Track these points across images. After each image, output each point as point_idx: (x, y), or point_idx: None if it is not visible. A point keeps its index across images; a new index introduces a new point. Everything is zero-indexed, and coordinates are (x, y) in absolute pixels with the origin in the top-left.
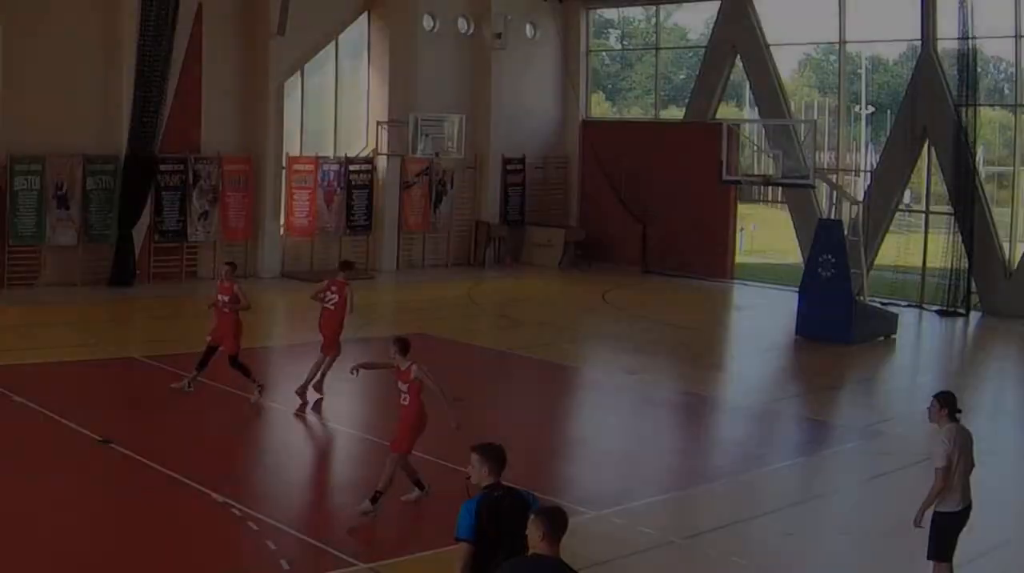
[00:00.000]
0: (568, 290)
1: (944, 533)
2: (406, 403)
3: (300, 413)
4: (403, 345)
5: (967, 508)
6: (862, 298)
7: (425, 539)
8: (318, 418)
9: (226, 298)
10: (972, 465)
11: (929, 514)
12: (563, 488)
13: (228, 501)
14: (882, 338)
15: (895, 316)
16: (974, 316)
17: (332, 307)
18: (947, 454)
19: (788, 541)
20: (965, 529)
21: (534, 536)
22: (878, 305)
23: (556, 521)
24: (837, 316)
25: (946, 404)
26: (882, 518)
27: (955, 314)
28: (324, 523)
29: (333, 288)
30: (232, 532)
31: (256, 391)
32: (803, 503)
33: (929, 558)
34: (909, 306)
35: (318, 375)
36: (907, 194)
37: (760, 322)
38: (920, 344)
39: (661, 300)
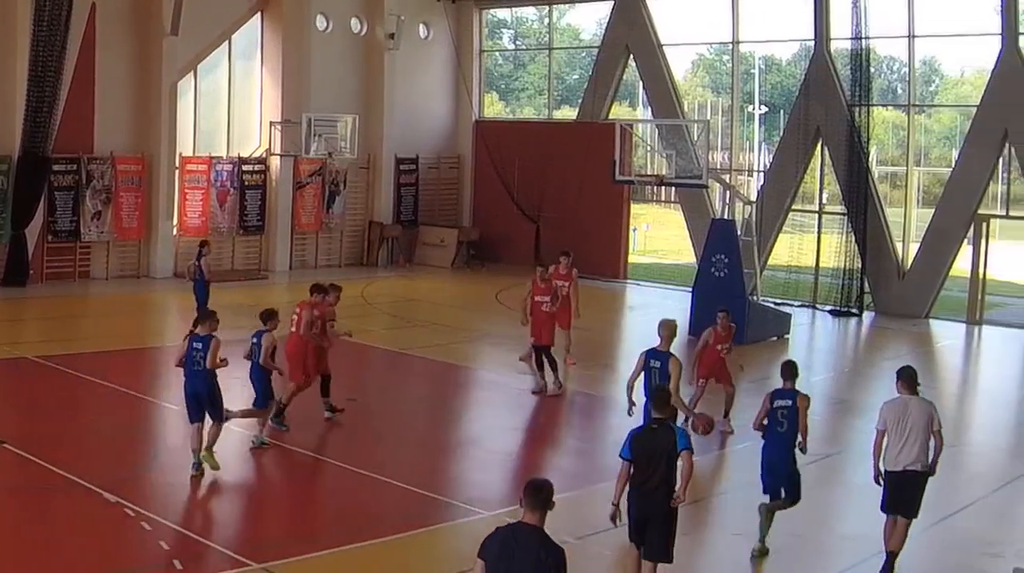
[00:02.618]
0: (461, 290)
1: (887, 488)
2: None
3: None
4: None
5: (905, 472)
6: (755, 298)
7: (318, 539)
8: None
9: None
10: (926, 436)
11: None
12: (456, 488)
13: (121, 501)
14: (775, 338)
15: (788, 316)
16: (867, 316)
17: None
18: (884, 420)
19: (683, 541)
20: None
21: (524, 507)
22: (771, 305)
23: (530, 492)
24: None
25: (899, 377)
26: (775, 518)
27: (848, 314)
28: (217, 523)
29: (297, 310)
30: (125, 532)
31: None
32: (697, 503)
33: (880, 509)
34: (802, 306)
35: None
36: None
37: (653, 322)
38: (813, 344)
39: None
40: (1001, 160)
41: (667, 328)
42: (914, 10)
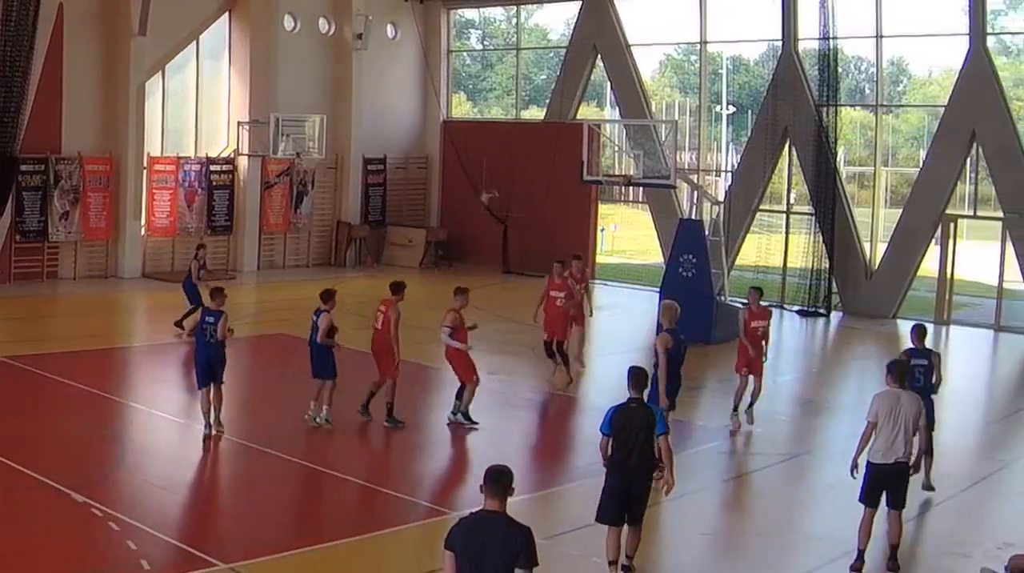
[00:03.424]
0: (429, 290)
1: (870, 480)
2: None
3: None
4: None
5: (895, 464)
6: (723, 298)
7: (284, 539)
8: (182, 420)
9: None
10: (912, 430)
11: (863, 464)
12: (424, 489)
13: (89, 501)
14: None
15: None
16: (835, 316)
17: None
18: (875, 412)
19: (650, 542)
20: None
21: (485, 494)
22: (739, 305)
23: (490, 479)
24: (698, 316)
25: (889, 371)
26: (743, 518)
27: (816, 314)
28: (185, 523)
29: (381, 308)
30: (93, 532)
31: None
32: (664, 503)
33: (859, 500)
34: (770, 306)
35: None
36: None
37: (621, 322)
38: (781, 344)
39: (521, 300)
40: (969, 160)
41: (671, 310)
42: (882, 10)
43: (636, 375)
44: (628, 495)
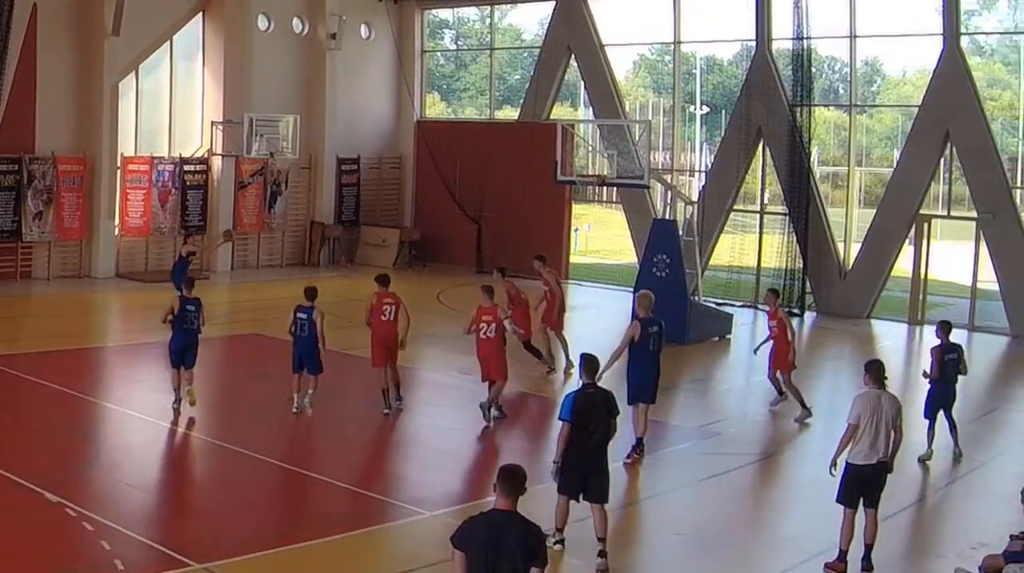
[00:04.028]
0: (403, 290)
1: (849, 481)
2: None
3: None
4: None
5: (877, 465)
6: (697, 298)
7: (259, 539)
8: (155, 420)
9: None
10: (891, 430)
11: (841, 464)
12: (397, 488)
13: (63, 501)
14: (717, 338)
15: (730, 316)
16: (809, 316)
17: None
18: (857, 414)
19: (624, 541)
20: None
21: (497, 493)
22: (713, 305)
23: (504, 478)
24: (672, 316)
25: (867, 371)
26: (717, 518)
27: (790, 314)
28: (159, 523)
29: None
30: (67, 532)
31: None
32: (638, 503)
33: (836, 501)
34: (744, 306)
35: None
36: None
37: (594, 322)
38: (755, 344)
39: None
40: (943, 160)
41: (647, 298)
42: (855, 10)
43: (588, 362)
44: (587, 471)
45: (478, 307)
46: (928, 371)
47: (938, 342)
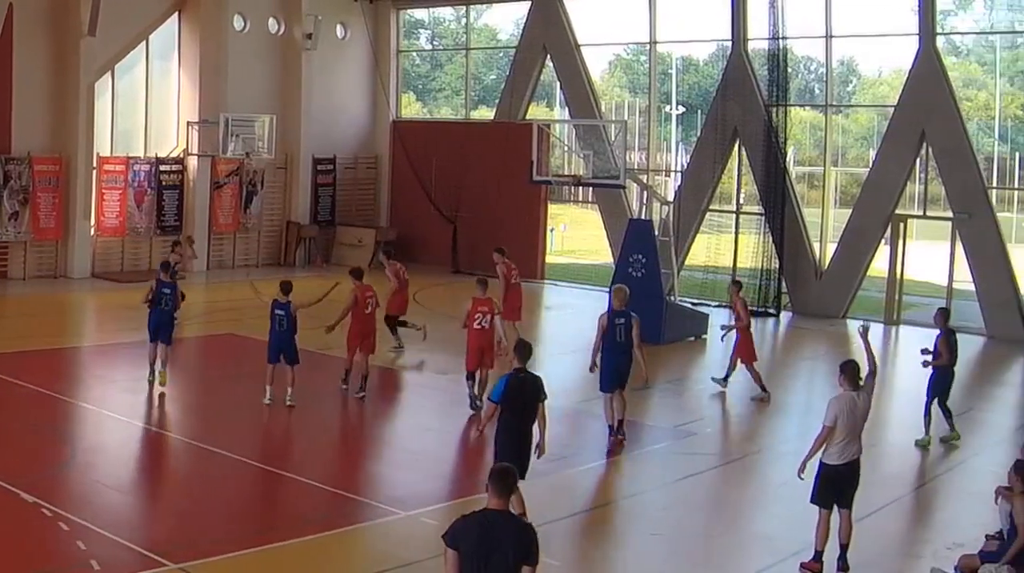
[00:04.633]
0: (378, 290)
1: (823, 481)
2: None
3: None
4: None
5: (850, 464)
6: (673, 298)
7: (235, 539)
8: (132, 420)
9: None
10: (861, 428)
11: (812, 466)
12: (375, 488)
13: (39, 501)
14: (693, 338)
15: (705, 316)
16: (785, 316)
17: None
18: (834, 416)
19: (599, 541)
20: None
21: (490, 493)
22: (688, 305)
23: (496, 478)
24: (648, 316)
25: (843, 372)
26: (693, 518)
27: (766, 314)
28: (135, 523)
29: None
30: (42, 533)
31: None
32: (613, 503)
33: (811, 502)
34: (720, 306)
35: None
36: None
37: (570, 322)
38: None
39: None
40: (918, 160)
41: (622, 292)
42: (831, 10)
43: (521, 348)
44: (519, 453)
45: (473, 299)
46: (933, 358)
47: (939, 331)
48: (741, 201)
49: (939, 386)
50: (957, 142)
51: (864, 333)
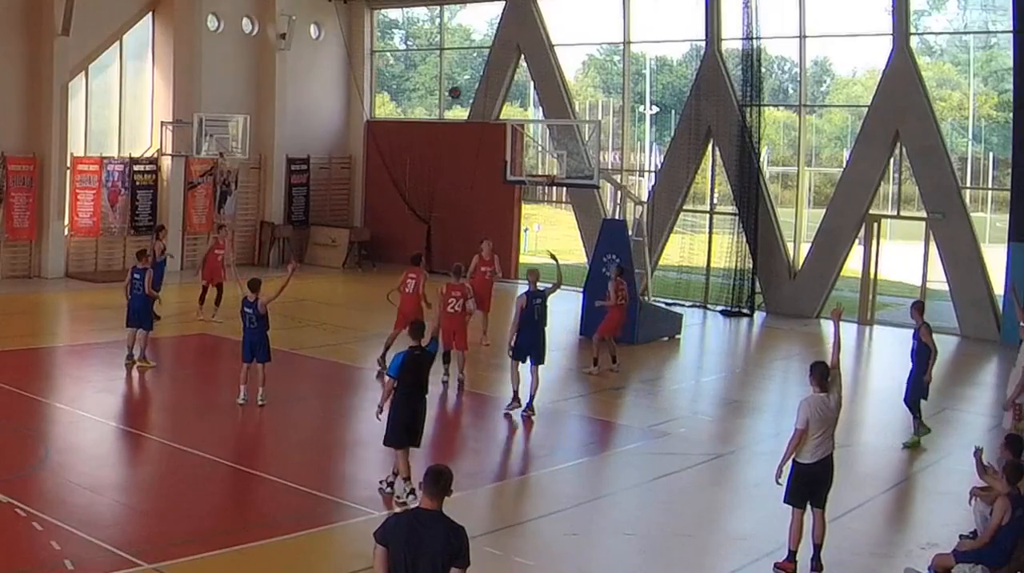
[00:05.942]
0: (352, 290)
1: (796, 480)
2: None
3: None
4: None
5: (822, 461)
6: (646, 298)
7: (210, 539)
8: (105, 420)
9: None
10: (832, 428)
11: (787, 469)
12: (348, 488)
13: (12, 501)
14: (666, 338)
15: (679, 316)
16: (759, 316)
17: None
18: (805, 419)
19: (573, 541)
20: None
21: (423, 493)
22: (662, 305)
23: (430, 479)
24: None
25: (812, 374)
26: (666, 518)
27: (739, 314)
28: (109, 523)
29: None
30: (16, 532)
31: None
32: (588, 503)
33: (784, 502)
34: (693, 306)
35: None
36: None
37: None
38: (704, 344)
39: None
40: (892, 160)
41: (534, 274)
42: (805, 10)
43: (414, 327)
44: (413, 423)
45: (446, 285)
46: (922, 352)
47: (920, 323)
48: (715, 201)
49: (919, 383)
50: (931, 142)
51: (836, 316)
